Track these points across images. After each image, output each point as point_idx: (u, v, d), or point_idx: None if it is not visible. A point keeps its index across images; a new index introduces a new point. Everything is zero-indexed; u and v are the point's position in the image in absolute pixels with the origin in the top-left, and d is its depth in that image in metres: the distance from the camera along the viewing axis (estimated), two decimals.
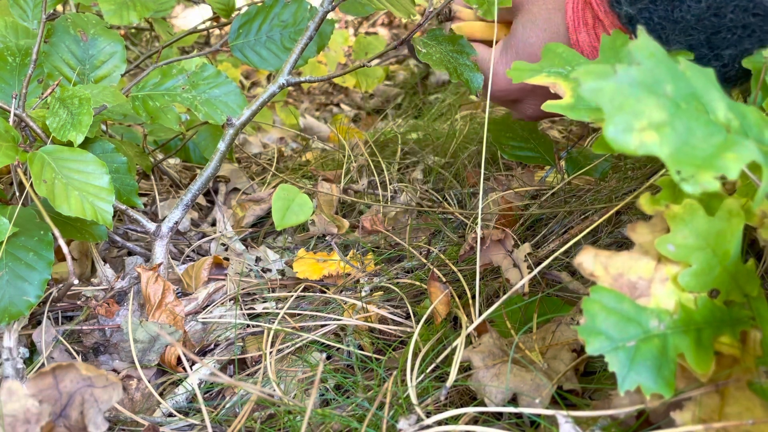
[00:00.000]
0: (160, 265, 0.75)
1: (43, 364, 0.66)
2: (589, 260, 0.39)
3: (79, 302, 0.75)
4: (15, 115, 0.67)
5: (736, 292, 0.40)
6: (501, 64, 0.68)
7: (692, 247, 0.39)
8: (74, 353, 0.69)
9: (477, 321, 0.57)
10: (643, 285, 0.38)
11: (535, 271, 0.55)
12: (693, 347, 0.37)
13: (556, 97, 0.46)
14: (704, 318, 0.38)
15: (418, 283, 0.76)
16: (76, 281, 0.60)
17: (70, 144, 0.66)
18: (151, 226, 0.76)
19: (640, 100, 0.30)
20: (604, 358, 0.36)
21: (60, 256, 0.83)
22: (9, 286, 0.63)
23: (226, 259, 0.85)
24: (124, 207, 0.75)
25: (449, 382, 0.52)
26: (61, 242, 0.57)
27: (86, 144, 0.72)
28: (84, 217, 0.63)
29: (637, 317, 0.37)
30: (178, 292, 0.79)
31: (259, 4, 0.89)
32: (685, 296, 0.38)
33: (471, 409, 0.49)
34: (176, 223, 0.77)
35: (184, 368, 0.67)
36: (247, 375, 0.68)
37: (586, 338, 0.36)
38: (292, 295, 0.76)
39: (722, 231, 0.39)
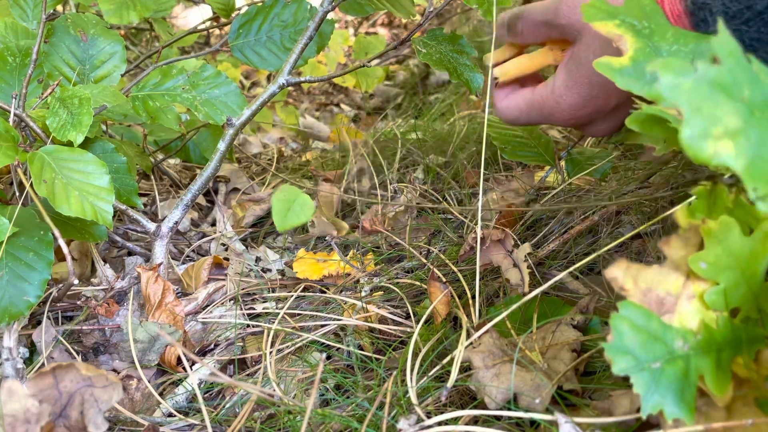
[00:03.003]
0: (160, 265, 0.75)
1: (43, 364, 0.66)
2: (621, 273, 0.38)
3: (79, 302, 0.75)
4: (15, 115, 0.67)
5: (754, 309, 0.39)
6: (567, 95, 0.59)
7: (723, 266, 0.38)
8: (74, 353, 0.69)
9: (482, 331, 0.57)
10: (670, 301, 0.38)
11: (551, 282, 0.55)
12: (713, 370, 0.37)
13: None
14: (724, 338, 0.38)
15: (418, 283, 0.76)
16: (76, 281, 0.60)
17: (70, 144, 0.66)
18: (151, 226, 0.76)
19: (718, 104, 0.29)
20: (630, 379, 0.35)
21: (60, 256, 0.83)
22: (9, 286, 0.63)
23: (226, 259, 0.85)
24: (124, 207, 0.75)
25: (450, 383, 0.52)
26: (61, 242, 0.57)
27: (86, 144, 0.72)
28: (84, 217, 0.63)
29: (663, 336, 0.36)
30: (178, 292, 0.79)
31: (259, 4, 0.89)
32: (709, 315, 0.38)
33: (471, 412, 0.49)
34: (176, 223, 0.77)
35: (184, 368, 0.67)
36: (247, 375, 0.68)
37: (612, 357, 0.35)
38: (292, 295, 0.76)
39: (755, 252, 0.38)
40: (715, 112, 0.29)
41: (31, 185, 0.63)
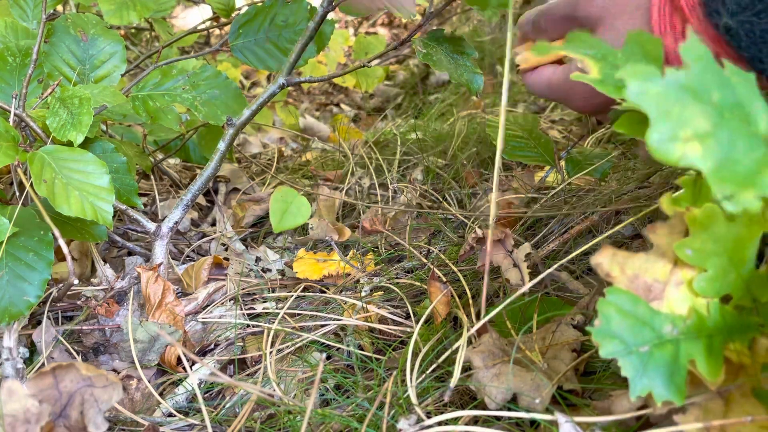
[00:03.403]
0: (160, 265, 0.75)
1: (43, 364, 0.66)
2: (606, 260, 0.38)
3: (79, 302, 0.75)
4: (15, 115, 0.67)
5: (747, 297, 0.39)
6: (581, 83, 0.61)
7: (710, 252, 0.38)
8: (74, 353, 0.69)
9: (478, 324, 0.57)
10: (658, 288, 0.38)
11: (543, 274, 0.55)
12: (704, 354, 0.37)
13: None
14: (716, 324, 0.38)
15: (418, 283, 0.76)
16: (76, 281, 0.60)
17: (70, 144, 0.66)
18: (151, 226, 0.76)
19: (686, 107, 0.29)
20: (618, 362, 0.35)
21: (60, 256, 0.83)
22: (9, 286, 0.63)
23: (226, 259, 0.85)
24: (124, 207, 0.75)
25: (452, 383, 0.52)
26: (61, 242, 0.57)
27: (86, 144, 0.72)
28: (84, 217, 0.63)
29: (651, 321, 0.37)
30: (178, 292, 0.79)
31: (259, 5, 0.89)
32: (699, 301, 0.38)
33: (471, 412, 0.48)
34: (176, 223, 0.77)
35: (184, 368, 0.67)
36: (247, 375, 0.68)
37: (600, 341, 0.35)
38: (292, 295, 0.76)
39: (741, 237, 0.38)
40: (683, 116, 0.29)
41: (31, 185, 0.63)
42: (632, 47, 0.46)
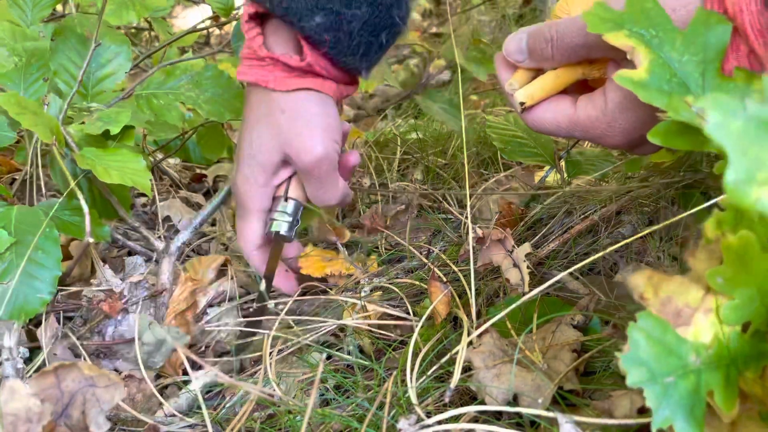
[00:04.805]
0: (165, 290, 0.76)
1: (43, 362, 0.66)
2: (642, 282, 0.37)
3: (81, 301, 0.75)
4: None
5: (765, 323, 0.38)
6: (623, 118, 0.51)
7: (740, 282, 0.37)
8: (78, 354, 0.69)
9: (481, 329, 0.57)
10: (687, 313, 0.37)
11: (549, 282, 0.55)
12: (722, 385, 0.36)
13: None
14: (734, 353, 0.37)
15: (418, 282, 0.76)
16: (91, 239, 0.60)
17: (106, 133, 0.71)
18: (160, 244, 0.78)
19: (764, 146, 0.27)
20: (643, 392, 0.35)
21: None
22: (22, 285, 0.63)
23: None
24: (137, 224, 0.79)
25: (453, 383, 0.52)
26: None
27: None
28: (125, 184, 0.67)
29: (678, 350, 0.36)
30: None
31: None
32: (722, 329, 0.37)
33: (472, 408, 0.49)
34: (184, 243, 0.80)
35: (184, 370, 0.67)
36: (248, 375, 0.68)
37: (627, 368, 0.35)
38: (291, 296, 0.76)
39: None
40: (760, 155, 0.28)
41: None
42: (696, 33, 0.42)
